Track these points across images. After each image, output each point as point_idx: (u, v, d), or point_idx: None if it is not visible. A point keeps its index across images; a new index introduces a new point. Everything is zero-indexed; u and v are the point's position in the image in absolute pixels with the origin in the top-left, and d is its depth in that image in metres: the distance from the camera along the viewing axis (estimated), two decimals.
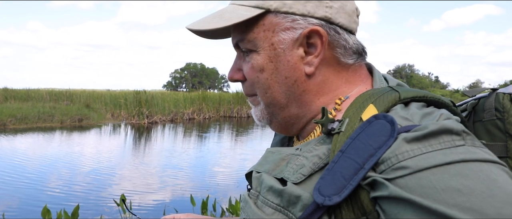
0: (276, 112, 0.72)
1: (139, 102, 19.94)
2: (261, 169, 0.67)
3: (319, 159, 0.60)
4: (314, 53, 0.67)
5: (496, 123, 0.71)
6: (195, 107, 23.32)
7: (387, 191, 0.49)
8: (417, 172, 0.48)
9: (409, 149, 0.50)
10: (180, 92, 33.41)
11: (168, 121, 20.57)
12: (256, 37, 0.68)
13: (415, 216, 0.46)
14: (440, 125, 0.51)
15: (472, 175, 0.46)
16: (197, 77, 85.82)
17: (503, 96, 0.73)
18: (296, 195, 0.57)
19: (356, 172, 0.52)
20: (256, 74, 0.70)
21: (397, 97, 0.60)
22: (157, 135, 14.95)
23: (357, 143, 0.54)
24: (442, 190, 0.45)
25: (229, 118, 23.97)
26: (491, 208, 0.42)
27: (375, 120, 0.55)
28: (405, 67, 70.07)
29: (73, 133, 14.63)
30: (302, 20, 0.66)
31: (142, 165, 8.97)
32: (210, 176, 7.96)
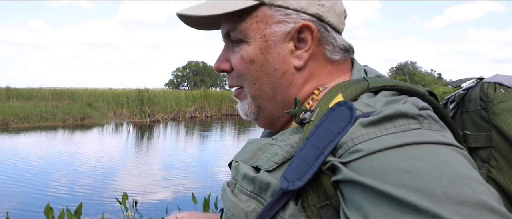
0: (263, 104, 0.72)
1: (141, 100, 19.96)
2: (239, 159, 0.69)
3: (291, 147, 0.61)
4: (303, 48, 0.69)
5: (481, 113, 0.71)
6: (197, 105, 23.33)
7: (342, 174, 0.50)
8: (369, 155, 0.48)
9: (364, 132, 0.51)
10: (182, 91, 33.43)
11: (170, 119, 20.60)
12: (248, 28, 0.68)
13: (366, 197, 0.46)
14: (396, 109, 0.52)
15: (422, 157, 0.46)
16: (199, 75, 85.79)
17: (488, 85, 0.72)
18: (266, 182, 0.59)
19: (317, 158, 0.53)
20: (246, 65, 0.70)
21: (365, 86, 0.62)
22: (159, 133, 14.97)
23: (320, 130, 0.56)
24: (392, 171, 0.46)
25: (231, 116, 23.97)
26: (438, 188, 0.42)
27: (337, 107, 0.57)
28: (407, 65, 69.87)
29: (75, 131, 14.66)
30: (295, 14, 0.67)
31: (145, 163, 8.99)
32: (212, 174, 7.97)
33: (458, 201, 0.41)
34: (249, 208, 0.60)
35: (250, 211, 0.59)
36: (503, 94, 0.70)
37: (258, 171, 0.63)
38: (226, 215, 0.64)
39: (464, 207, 0.40)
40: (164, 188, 6.77)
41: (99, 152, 10.27)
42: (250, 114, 0.75)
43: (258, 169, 0.63)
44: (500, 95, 0.70)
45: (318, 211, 0.53)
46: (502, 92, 0.70)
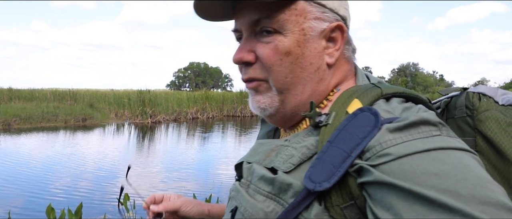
0: (288, 99, 0.71)
1: (142, 102, 19.99)
2: (251, 160, 0.70)
3: (308, 150, 0.63)
4: (334, 46, 0.71)
5: (466, 119, 0.76)
6: (199, 106, 23.35)
7: (372, 176, 0.52)
8: (399, 158, 0.52)
9: (392, 137, 0.54)
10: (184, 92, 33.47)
11: (172, 120, 20.61)
12: (287, 19, 0.67)
13: (397, 198, 0.49)
14: (420, 116, 0.56)
15: (448, 161, 0.50)
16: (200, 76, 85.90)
17: (473, 95, 0.77)
18: (288, 183, 0.60)
19: (344, 160, 0.55)
20: (280, 57, 0.68)
21: (379, 93, 0.65)
22: (161, 135, 14.99)
23: (344, 133, 0.58)
24: (421, 173, 0.49)
25: (233, 117, 23.98)
26: (465, 189, 0.47)
27: (360, 112, 0.60)
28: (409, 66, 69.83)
29: (77, 132, 14.68)
30: (330, 13, 0.69)
31: (146, 164, 8.99)
32: (213, 175, 7.97)
33: (484, 202, 0.46)
34: (268, 209, 0.61)
35: (270, 211, 0.61)
36: (486, 103, 0.75)
37: (273, 172, 0.64)
38: (243, 215, 0.65)
39: (488, 207, 0.45)
40: (165, 189, 6.76)
41: (100, 153, 10.28)
42: (269, 109, 0.72)
43: (273, 169, 0.64)
44: (484, 104, 0.75)
45: (341, 211, 0.56)
46: (485, 101, 0.75)
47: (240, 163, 0.75)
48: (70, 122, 17.45)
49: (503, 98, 0.75)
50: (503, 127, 0.71)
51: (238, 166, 0.76)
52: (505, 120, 0.72)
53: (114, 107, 21.85)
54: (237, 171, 0.77)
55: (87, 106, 20.78)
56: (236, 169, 0.77)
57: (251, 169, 0.68)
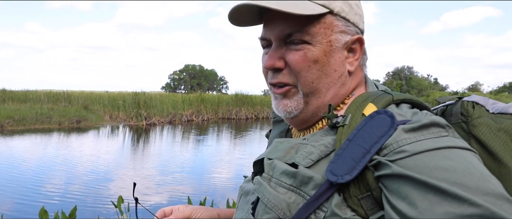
0: (312, 102, 0.79)
1: (137, 104, 19.94)
2: (272, 156, 0.78)
3: (325, 147, 0.71)
4: (353, 56, 0.81)
5: (462, 125, 0.84)
6: (194, 109, 23.32)
7: (390, 170, 0.60)
8: (414, 155, 0.60)
9: (407, 137, 0.63)
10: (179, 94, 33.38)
11: (167, 122, 20.57)
12: (317, 32, 0.76)
13: (413, 188, 0.57)
14: (430, 119, 0.65)
15: (455, 158, 0.59)
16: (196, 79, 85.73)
17: (467, 103, 0.85)
18: (309, 176, 0.68)
19: (364, 155, 0.63)
20: (308, 64, 0.76)
21: (391, 98, 0.74)
22: (156, 137, 14.95)
23: (362, 132, 0.66)
24: (434, 168, 0.57)
25: (228, 120, 23.97)
26: (471, 182, 0.55)
27: (377, 114, 0.68)
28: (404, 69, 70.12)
29: (71, 134, 14.61)
30: (352, 27, 0.79)
31: (140, 167, 8.96)
32: (208, 178, 7.96)
33: (487, 193, 0.54)
34: (290, 200, 0.68)
35: (292, 202, 0.68)
36: (479, 111, 0.83)
37: (294, 167, 0.71)
38: (266, 206, 0.72)
39: (491, 197, 0.54)
40: (160, 191, 6.75)
41: (94, 155, 10.24)
42: (294, 111, 0.80)
43: (294, 165, 0.72)
44: (477, 112, 0.83)
45: (358, 201, 0.63)
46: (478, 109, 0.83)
47: (260, 160, 0.82)
48: (64, 124, 17.36)
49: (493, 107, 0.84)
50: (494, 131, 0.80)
51: (256, 162, 0.83)
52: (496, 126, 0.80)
53: (108, 109, 21.76)
54: (255, 167, 0.83)
55: (82, 108, 20.67)
56: (255, 165, 0.83)
57: (272, 164, 0.75)
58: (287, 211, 0.68)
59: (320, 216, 0.64)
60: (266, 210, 0.71)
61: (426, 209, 0.55)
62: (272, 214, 0.70)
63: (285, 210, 0.68)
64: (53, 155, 9.99)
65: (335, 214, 0.63)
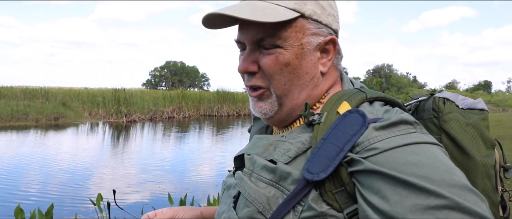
0: (285, 103, 0.81)
1: (117, 100, 19.68)
2: (252, 152, 0.80)
3: (302, 144, 0.73)
4: (327, 57, 0.82)
5: (433, 120, 0.87)
6: (175, 106, 23.17)
7: (363, 166, 0.63)
8: (384, 151, 0.63)
9: (377, 134, 0.66)
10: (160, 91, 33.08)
11: (147, 119, 20.37)
12: (288, 36, 0.77)
13: (384, 183, 0.60)
14: (399, 117, 0.68)
15: (422, 153, 0.62)
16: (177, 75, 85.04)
17: (439, 99, 0.89)
18: (287, 172, 0.70)
19: (337, 153, 0.66)
20: (280, 67, 0.78)
21: (364, 97, 0.77)
22: (136, 134, 14.78)
23: (336, 131, 0.69)
24: (403, 163, 0.61)
25: (209, 117, 23.89)
26: (437, 175, 0.59)
27: (349, 113, 0.71)
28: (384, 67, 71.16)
29: (48, 131, 14.31)
30: (324, 29, 0.80)
31: (120, 164, 8.85)
32: (189, 175, 7.92)
33: (452, 185, 0.58)
34: (270, 194, 0.71)
35: (271, 196, 0.71)
36: (449, 107, 0.87)
37: (273, 163, 0.74)
38: (246, 200, 0.74)
39: (456, 189, 0.57)
40: (140, 189, 6.68)
41: (73, 152, 10.06)
42: (269, 112, 0.83)
43: (272, 161, 0.74)
44: (447, 107, 0.87)
45: (333, 196, 0.66)
46: (449, 105, 0.87)
47: (240, 155, 0.84)
48: (41, 121, 16.98)
49: (463, 103, 0.88)
50: (463, 126, 0.84)
51: (237, 157, 0.85)
52: (464, 121, 0.85)
53: (88, 106, 21.40)
54: (236, 162, 0.86)
55: (60, 105, 20.24)
56: (235, 160, 0.86)
57: (252, 160, 0.78)
58: (267, 205, 0.70)
59: (299, 210, 0.68)
60: (246, 203, 0.74)
61: (396, 202, 0.58)
62: (252, 208, 0.72)
63: (265, 204, 0.71)
64: (29, 152, 9.77)
65: (312, 208, 0.66)
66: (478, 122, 0.85)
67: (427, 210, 0.56)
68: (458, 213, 0.55)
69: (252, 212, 0.72)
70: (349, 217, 0.66)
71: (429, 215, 0.55)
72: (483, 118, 0.86)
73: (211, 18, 0.79)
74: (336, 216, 0.66)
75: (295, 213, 0.68)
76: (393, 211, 0.57)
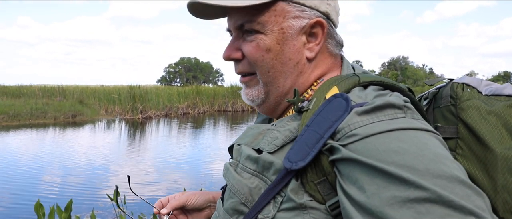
0: (272, 90, 0.79)
1: (133, 97, 19.87)
2: (241, 142, 0.77)
3: (290, 132, 0.69)
4: (315, 41, 0.77)
5: (450, 108, 0.80)
6: (190, 102, 23.28)
7: (341, 154, 0.59)
8: (364, 138, 0.58)
9: (359, 120, 0.61)
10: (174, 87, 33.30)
11: (163, 115, 20.53)
12: (267, 20, 0.74)
13: (362, 172, 0.56)
14: (385, 100, 0.62)
15: (407, 140, 0.56)
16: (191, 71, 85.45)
17: (457, 85, 0.81)
18: (270, 162, 0.67)
19: (318, 141, 0.62)
20: (261, 54, 0.76)
21: (357, 81, 0.71)
22: (152, 130, 14.93)
23: (319, 117, 0.65)
24: (384, 151, 0.55)
25: (224, 112, 23.96)
26: (421, 164, 0.53)
27: (334, 98, 0.66)
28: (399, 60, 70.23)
29: (66, 129, 14.56)
30: (309, 11, 0.75)
31: (137, 160, 8.96)
32: (204, 170, 7.97)
33: (437, 175, 0.52)
34: (252, 185, 0.68)
35: (254, 187, 0.68)
36: (469, 93, 0.79)
37: (260, 153, 0.70)
38: (230, 191, 0.72)
39: (441, 180, 0.51)
40: (156, 184, 6.76)
41: (90, 149, 10.22)
42: (256, 100, 0.81)
43: (259, 151, 0.71)
44: (467, 94, 0.79)
45: (315, 186, 0.62)
46: (469, 91, 0.79)
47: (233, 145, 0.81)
48: (59, 119, 17.29)
49: (487, 88, 0.79)
50: (483, 115, 0.75)
51: (230, 148, 0.83)
52: (486, 109, 0.76)
53: (104, 103, 21.68)
54: (230, 153, 0.83)
55: (77, 103, 20.58)
56: (229, 151, 0.84)
57: (239, 150, 0.75)
58: (249, 196, 0.68)
59: (278, 201, 0.65)
60: (230, 194, 0.72)
61: (373, 193, 0.53)
62: (235, 199, 0.70)
63: (247, 195, 0.68)
64: (49, 149, 9.96)
65: (291, 199, 0.63)
66: (503, 110, 0.76)
67: (406, 203, 0.50)
68: (441, 207, 0.49)
69: (236, 203, 0.70)
70: (332, 209, 0.61)
71: (408, 208, 0.50)
72: (510, 105, 0.77)
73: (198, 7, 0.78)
74: (317, 208, 0.62)
75: (275, 204, 0.65)
76: (369, 203, 0.53)
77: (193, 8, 0.79)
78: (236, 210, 0.70)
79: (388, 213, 0.51)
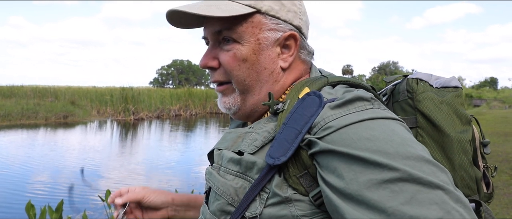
0: (248, 98, 0.82)
1: (125, 99, 19.81)
2: (221, 147, 0.81)
3: (268, 133, 0.74)
4: (288, 52, 0.82)
5: (408, 101, 0.86)
6: (182, 103, 23.26)
7: (319, 146, 0.64)
8: (339, 129, 0.64)
9: (332, 113, 0.66)
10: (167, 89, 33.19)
11: (155, 117, 20.49)
12: (244, 31, 0.78)
13: (339, 161, 0.61)
14: (354, 94, 0.69)
15: (377, 128, 0.63)
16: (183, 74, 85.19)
17: (412, 80, 0.88)
18: (252, 161, 0.71)
19: (296, 136, 0.67)
20: (238, 63, 0.79)
21: (326, 81, 0.78)
22: (144, 131, 14.91)
23: (295, 115, 0.70)
24: (358, 139, 0.61)
25: (216, 114, 23.96)
26: (391, 148, 0.59)
27: (307, 96, 0.72)
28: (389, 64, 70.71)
29: (58, 129, 14.49)
30: (283, 24, 0.80)
31: (128, 161, 8.97)
32: (195, 172, 8.00)
33: (406, 157, 0.58)
34: (237, 185, 0.72)
35: (239, 187, 0.72)
36: (423, 86, 0.86)
37: (241, 154, 0.74)
38: (216, 194, 0.75)
39: (410, 161, 0.57)
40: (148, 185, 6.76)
41: (82, 150, 10.19)
42: (233, 107, 0.84)
43: (240, 153, 0.75)
44: (421, 87, 0.86)
45: (298, 180, 0.67)
46: (422, 85, 0.86)
47: (212, 151, 0.85)
48: (51, 119, 17.19)
49: (436, 82, 0.87)
50: (437, 104, 0.83)
51: (210, 154, 0.87)
52: (438, 99, 0.83)
53: (96, 104, 21.56)
54: (210, 159, 0.87)
55: (69, 104, 20.46)
56: (209, 157, 0.87)
57: (221, 154, 0.79)
58: (235, 196, 0.71)
59: (264, 197, 0.68)
60: (216, 197, 0.75)
61: (351, 179, 0.58)
62: (221, 200, 0.73)
63: (233, 195, 0.71)
64: (40, 150, 9.92)
65: (276, 194, 0.67)
66: (452, 99, 0.84)
67: (381, 184, 0.56)
68: (412, 184, 0.55)
69: (222, 204, 0.73)
70: (315, 200, 0.66)
71: (384, 189, 0.55)
72: (457, 95, 0.85)
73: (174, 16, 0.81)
74: (302, 200, 0.66)
75: (261, 200, 0.68)
76: (348, 189, 0.58)
77: (171, 17, 0.82)
78: (223, 211, 0.73)
79: (367, 196, 0.56)
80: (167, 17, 0.82)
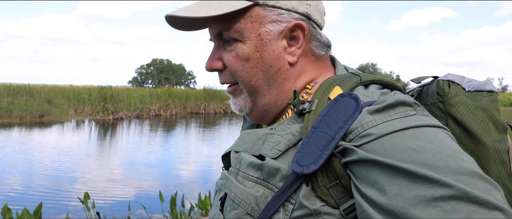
0: (258, 99, 0.77)
1: (104, 98, 19.45)
2: (239, 149, 0.74)
3: (293, 136, 0.67)
4: (296, 45, 0.75)
5: (438, 105, 0.80)
6: (162, 103, 23.00)
7: (356, 155, 0.57)
8: (380, 138, 0.57)
9: (372, 119, 0.60)
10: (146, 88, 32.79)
11: (134, 117, 20.20)
12: (243, 27, 0.72)
13: (381, 173, 0.54)
14: (396, 98, 0.62)
15: (424, 137, 0.56)
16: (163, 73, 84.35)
17: (443, 82, 0.81)
18: (276, 168, 0.64)
19: (329, 143, 0.60)
20: (241, 63, 0.74)
21: (358, 80, 0.70)
22: (123, 131, 14.66)
23: (327, 118, 0.63)
24: (402, 150, 0.55)
25: (196, 114, 23.80)
26: (440, 161, 0.53)
27: (341, 98, 0.64)
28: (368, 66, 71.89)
29: (33, 129, 14.09)
30: (287, 14, 0.73)
31: (107, 162, 8.79)
32: (177, 173, 7.90)
33: (458, 172, 0.52)
34: (258, 193, 0.65)
35: (260, 196, 0.65)
36: (455, 89, 0.79)
37: (262, 159, 0.68)
38: (233, 202, 0.69)
39: (463, 176, 0.51)
40: (128, 186, 6.65)
41: (59, 150, 9.93)
42: (245, 109, 0.79)
43: (261, 157, 0.68)
44: (453, 90, 0.79)
45: (327, 190, 0.60)
46: (454, 88, 0.79)
47: (227, 153, 0.78)
48: (25, 118, 16.71)
49: (469, 85, 0.81)
50: (471, 109, 0.76)
51: (225, 156, 0.79)
52: (472, 104, 0.77)
53: (73, 103, 21.10)
54: (224, 161, 0.80)
55: (45, 102, 19.92)
56: (223, 159, 0.80)
57: (239, 158, 0.72)
58: (255, 206, 0.65)
59: (289, 208, 0.61)
60: (233, 205, 0.68)
61: (395, 194, 0.52)
62: (239, 209, 0.67)
63: (253, 205, 0.65)
64: (14, 150, 9.61)
65: (303, 206, 0.60)
66: (488, 105, 0.76)
67: (431, 202, 0.49)
68: (466, 203, 0.49)
69: (240, 214, 0.66)
70: (346, 214, 0.59)
71: (433, 207, 0.49)
72: (492, 100, 0.78)
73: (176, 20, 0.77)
74: (331, 213, 0.60)
75: (286, 212, 0.61)
76: (392, 205, 0.51)
77: (172, 21, 0.77)
78: None
79: (413, 214, 0.49)
80: (168, 22, 0.78)
